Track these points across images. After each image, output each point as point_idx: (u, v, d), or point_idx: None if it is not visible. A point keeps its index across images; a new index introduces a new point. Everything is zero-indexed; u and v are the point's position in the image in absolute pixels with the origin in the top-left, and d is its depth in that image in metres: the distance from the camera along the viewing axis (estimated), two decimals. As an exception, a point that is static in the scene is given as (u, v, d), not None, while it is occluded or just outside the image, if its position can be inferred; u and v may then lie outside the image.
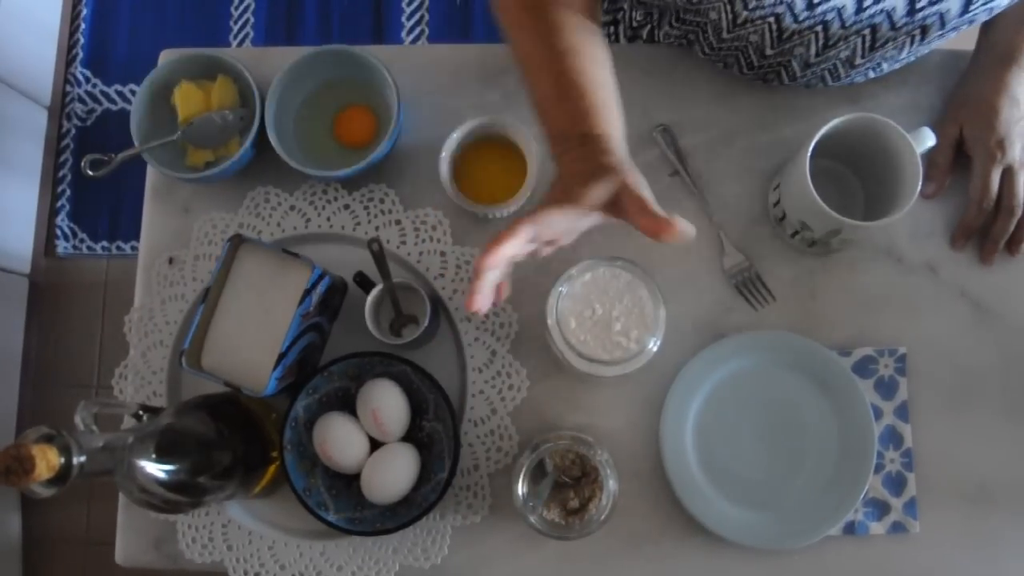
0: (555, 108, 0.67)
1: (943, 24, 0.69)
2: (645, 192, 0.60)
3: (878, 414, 0.80)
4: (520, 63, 0.70)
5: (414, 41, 1.89)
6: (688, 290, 0.83)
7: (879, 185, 0.78)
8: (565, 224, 0.63)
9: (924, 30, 0.71)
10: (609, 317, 0.71)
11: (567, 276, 0.72)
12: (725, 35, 0.76)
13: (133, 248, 1.87)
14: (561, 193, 0.63)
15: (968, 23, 0.71)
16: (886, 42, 0.72)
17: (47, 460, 0.52)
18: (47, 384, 1.83)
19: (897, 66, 0.79)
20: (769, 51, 0.76)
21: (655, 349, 0.72)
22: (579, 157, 0.63)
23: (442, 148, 0.81)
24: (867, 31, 0.71)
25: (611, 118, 0.66)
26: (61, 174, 1.90)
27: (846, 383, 0.78)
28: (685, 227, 0.59)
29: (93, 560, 1.77)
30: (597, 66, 0.68)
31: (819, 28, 0.71)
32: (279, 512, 0.82)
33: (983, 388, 0.81)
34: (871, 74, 0.80)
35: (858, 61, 0.75)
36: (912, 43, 0.73)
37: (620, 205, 0.61)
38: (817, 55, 0.75)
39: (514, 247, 0.61)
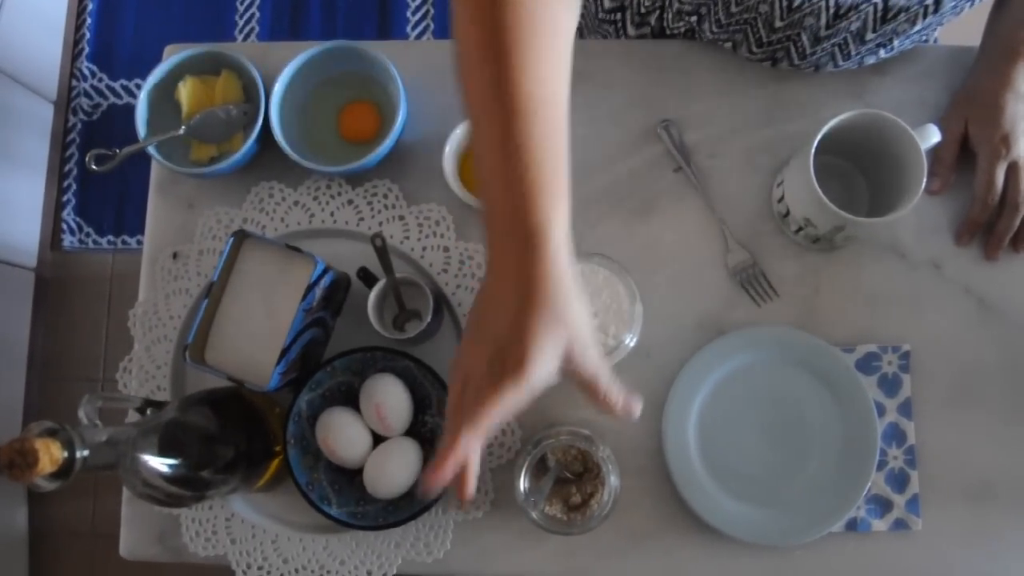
0: (498, 178, 0.53)
1: None
2: (593, 365, 0.54)
3: (881, 411, 0.79)
4: (465, 103, 0.54)
5: (419, 36, 1.89)
6: (691, 286, 0.83)
7: (884, 181, 0.78)
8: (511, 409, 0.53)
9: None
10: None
11: None
12: (734, 8, 0.75)
13: (139, 242, 1.87)
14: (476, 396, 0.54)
15: None
16: (898, 12, 0.71)
17: (50, 454, 0.52)
18: (53, 378, 1.84)
19: (908, 44, 0.78)
20: (779, 23, 0.75)
21: (631, 344, 0.72)
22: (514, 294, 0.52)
23: (446, 143, 0.81)
24: None
25: (558, 199, 0.52)
26: (67, 168, 1.91)
27: (849, 380, 0.78)
28: (634, 407, 0.55)
29: (99, 553, 1.78)
30: (555, 109, 0.53)
31: None
32: (282, 506, 0.82)
33: (987, 385, 0.80)
34: (882, 52, 0.78)
35: (869, 35, 0.74)
36: (925, 14, 0.71)
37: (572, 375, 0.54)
38: (828, 26, 0.73)
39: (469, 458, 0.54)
